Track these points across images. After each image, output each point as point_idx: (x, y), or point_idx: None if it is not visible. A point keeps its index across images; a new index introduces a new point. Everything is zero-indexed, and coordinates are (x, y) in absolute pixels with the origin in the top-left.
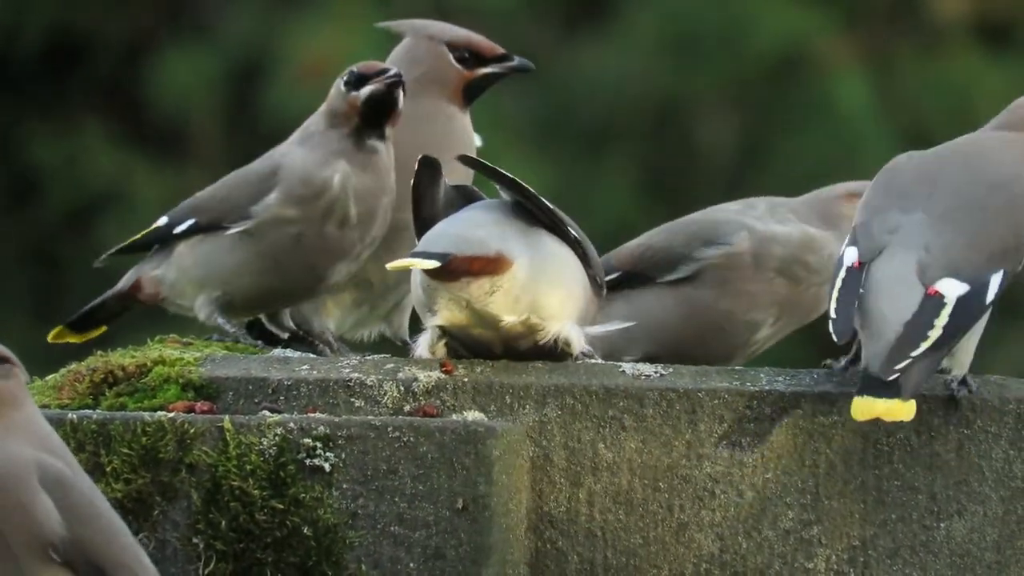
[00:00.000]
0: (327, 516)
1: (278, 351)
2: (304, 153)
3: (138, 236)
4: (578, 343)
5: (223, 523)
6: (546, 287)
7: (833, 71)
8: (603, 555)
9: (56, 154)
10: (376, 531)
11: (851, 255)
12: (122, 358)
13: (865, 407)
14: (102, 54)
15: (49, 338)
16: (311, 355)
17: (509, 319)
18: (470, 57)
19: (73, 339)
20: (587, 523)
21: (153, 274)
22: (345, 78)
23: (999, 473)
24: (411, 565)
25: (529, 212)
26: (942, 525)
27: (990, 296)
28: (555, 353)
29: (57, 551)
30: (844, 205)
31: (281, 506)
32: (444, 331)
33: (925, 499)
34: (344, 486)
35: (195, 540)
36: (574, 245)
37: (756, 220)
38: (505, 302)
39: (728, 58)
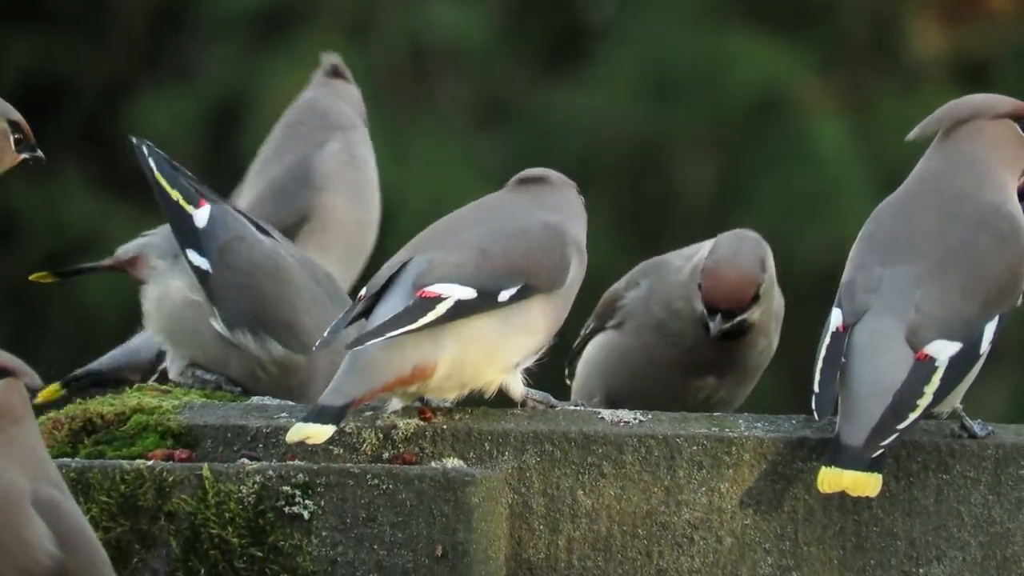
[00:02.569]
0: (306, 564)
1: (256, 399)
2: None
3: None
4: (518, 390)
5: (202, 571)
6: (474, 367)
7: (811, 113)
8: None
9: (34, 199)
10: None
11: (836, 318)
12: (100, 406)
13: (832, 479)
14: (80, 99)
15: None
16: (290, 403)
17: (451, 395)
18: None
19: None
20: (566, 570)
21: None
22: None
23: (978, 518)
24: None
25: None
26: (921, 570)
27: (984, 347)
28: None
29: None
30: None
31: (260, 554)
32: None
33: (904, 545)
34: (323, 534)
35: None
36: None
37: (670, 271)
38: (442, 388)
39: (706, 100)
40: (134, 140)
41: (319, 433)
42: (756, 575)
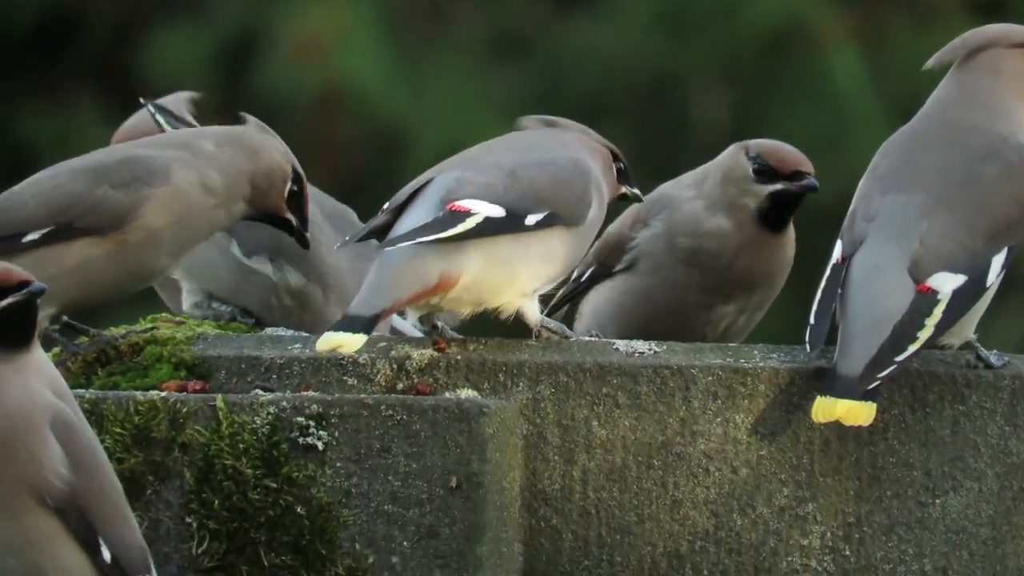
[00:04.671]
0: (320, 495)
1: (270, 330)
2: None
3: None
4: (533, 317)
5: (216, 502)
6: (494, 285)
7: (827, 46)
8: (597, 532)
9: (49, 131)
10: (370, 510)
11: (837, 250)
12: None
13: (826, 408)
14: (95, 31)
15: None
16: (304, 334)
17: (466, 310)
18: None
19: None
20: (581, 501)
21: None
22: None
23: (994, 449)
24: (404, 543)
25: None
26: (937, 501)
27: (991, 279)
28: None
29: (53, 497)
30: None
31: (274, 485)
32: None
33: (920, 475)
34: (337, 464)
35: (188, 519)
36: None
37: (682, 200)
38: (460, 301)
39: (721, 33)
40: (142, 100)
41: (350, 342)
42: (772, 506)
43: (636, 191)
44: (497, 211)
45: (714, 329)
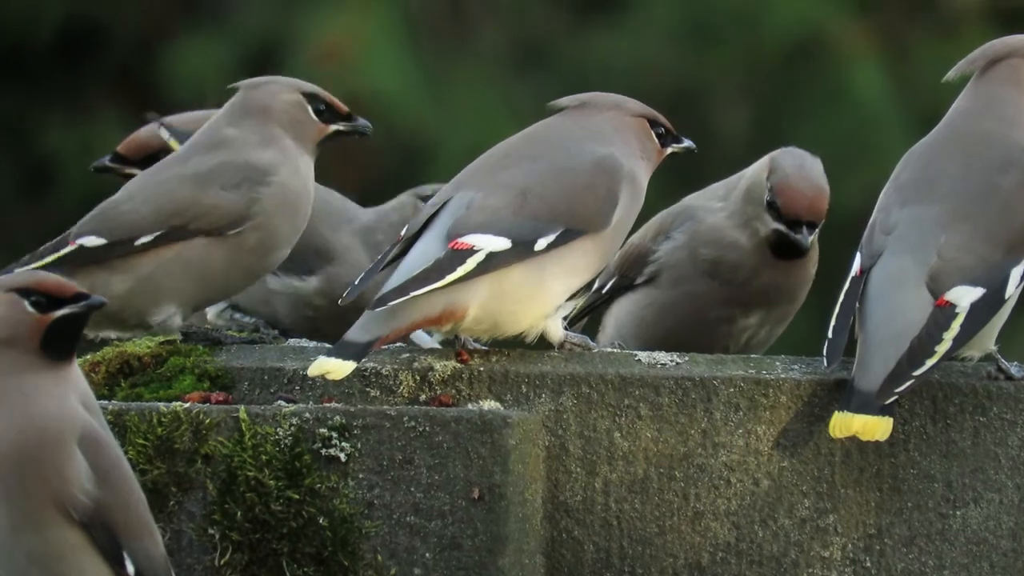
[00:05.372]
0: (343, 506)
1: (293, 341)
2: None
3: None
4: (556, 334)
5: (239, 514)
6: (509, 313)
7: (848, 57)
8: (619, 544)
9: (71, 142)
10: (392, 521)
11: (856, 262)
12: (137, 348)
13: (843, 424)
14: (117, 42)
15: None
16: (327, 345)
17: (484, 337)
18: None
19: None
20: (603, 512)
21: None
22: None
23: (1015, 460)
24: (427, 555)
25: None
26: (958, 513)
27: (1010, 291)
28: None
29: (78, 511)
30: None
31: (297, 496)
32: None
33: (941, 487)
34: (360, 476)
35: (211, 531)
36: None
37: (708, 212)
38: (473, 331)
39: (743, 44)
40: (148, 116)
41: (339, 368)
42: (793, 517)
43: (684, 144)
44: (502, 243)
45: (736, 341)
